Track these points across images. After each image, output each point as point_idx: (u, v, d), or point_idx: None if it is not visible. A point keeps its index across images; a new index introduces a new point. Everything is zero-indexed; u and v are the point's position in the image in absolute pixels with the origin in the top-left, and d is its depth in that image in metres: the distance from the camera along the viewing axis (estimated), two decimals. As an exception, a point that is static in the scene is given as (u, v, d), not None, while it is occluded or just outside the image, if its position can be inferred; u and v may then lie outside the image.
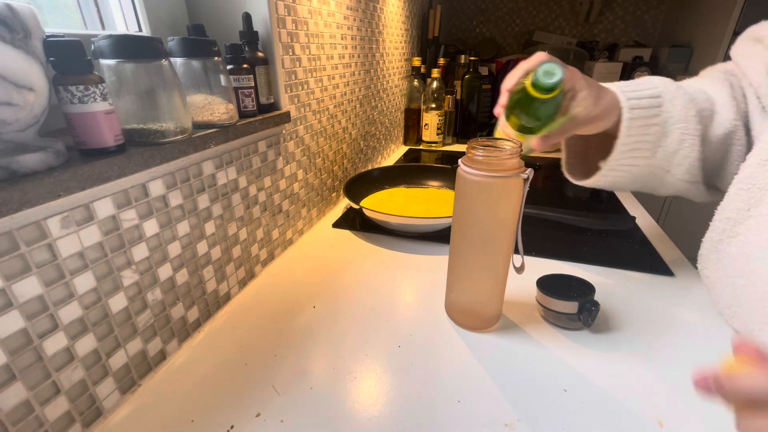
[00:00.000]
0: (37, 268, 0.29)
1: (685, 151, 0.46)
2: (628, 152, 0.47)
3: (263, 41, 0.52)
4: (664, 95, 0.45)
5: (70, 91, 0.29)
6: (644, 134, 0.46)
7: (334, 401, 0.37)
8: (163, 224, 0.40)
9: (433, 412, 0.36)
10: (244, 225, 0.53)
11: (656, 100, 0.45)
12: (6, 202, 0.25)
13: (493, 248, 0.41)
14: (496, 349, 0.43)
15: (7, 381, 0.28)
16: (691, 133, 0.45)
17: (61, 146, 0.29)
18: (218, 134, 0.42)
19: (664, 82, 0.47)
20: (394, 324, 0.47)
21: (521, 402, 0.37)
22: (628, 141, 0.46)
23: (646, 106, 0.45)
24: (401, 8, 1.08)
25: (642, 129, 0.45)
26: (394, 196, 0.81)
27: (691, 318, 0.47)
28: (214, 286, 0.48)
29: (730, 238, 0.43)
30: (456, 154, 1.19)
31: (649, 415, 0.35)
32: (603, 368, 0.40)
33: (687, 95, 0.46)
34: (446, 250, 0.53)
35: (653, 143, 0.46)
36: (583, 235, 0.67)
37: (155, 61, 0.35)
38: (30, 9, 0.26)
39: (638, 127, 0.45)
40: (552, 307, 0.45)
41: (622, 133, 0.45)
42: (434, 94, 1.17)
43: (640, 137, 0.46)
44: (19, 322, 0.28)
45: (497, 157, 0.38)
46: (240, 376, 0.40)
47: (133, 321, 0.38)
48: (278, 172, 0.59)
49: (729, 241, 0.43)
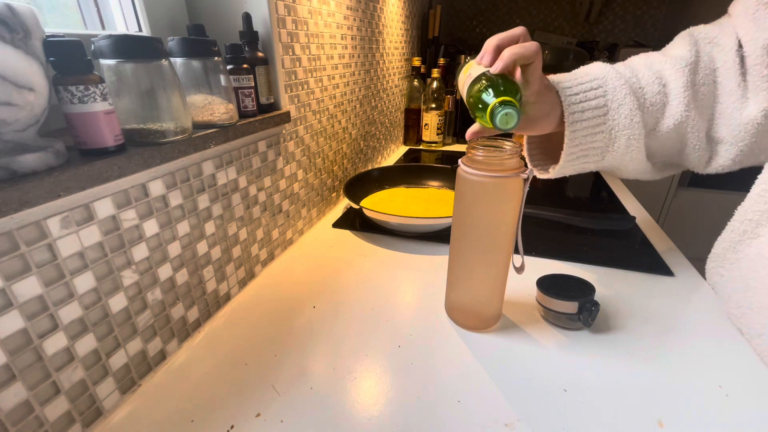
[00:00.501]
0: (37, 268, 0.29)
1: (632, 154, 0.46)
2: (576, 160, 0.47)
3: (263, 41, 0.52)
4: (610, 103, 0.44)
5: (70, 91, 0.29)
6: (590, 142, 0.45)
7: (334, 401, 0.37)
8: (163, 224, 0.40)
9: (433, 412, 0.36)
10: (244, 225, 0.53)
11: (601, 110, 0.44)
12: (6, 202, 0.25)
13: (493, 248, 0.41)
14: (496, 349, 0.43)
15: (7, 381, 0.28)
16: (636, 138, 0.45)
17: (61, 146, 0.29)
18: (218, 134, 0.42)
19: (609, 81, 0.44)
20: (394, 324, 0.47)
21: (521, 402, 0.37)
22: (574, 150, 0.46)
23: (589, 117, 0.44)
24: (401, 8, 1.08)
25: (587, 138, 0.45)
26: (394, 196, 0.81)
27: (691, 318, 0.47)
28: (214, 286, 0.48)
29: (751, 240, 0.43)
30: (456, 154, 1.19)
31: (649, 415, 0.35)
32: (603, 368, 0.40)
33: (636, 96, 0.44)
34: (446, 250, 0.53)
35: (601, 150, 0.46)
36: (583, 235, 0.67)
37: (155, 61, 0.35)
38: (30, 9, 0.26)
39: (583, 137, 0.45)
40: (552, 307, 0.45)
41: (567, 144, 0.45)
42: (434, 94, 1.17)
43: (586, 146, 0.45)
44: (19, 322, 0.28)
45: (497, 157, 0.37)
46: (240, 376, 0.40)
47: (133, 321, 0.38)
48: (278, 172, 0.59)
49: (749, 242, 0.43)
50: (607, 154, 0.46)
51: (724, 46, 0.45)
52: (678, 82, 0.45)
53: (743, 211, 0.44)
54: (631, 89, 0.44)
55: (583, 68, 0.47)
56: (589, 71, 0.46)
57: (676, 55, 0.46)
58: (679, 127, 0.46)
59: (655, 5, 1.58)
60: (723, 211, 0.76)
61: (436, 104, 1.18)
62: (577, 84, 0.44)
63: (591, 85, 0.44)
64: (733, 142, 0.46)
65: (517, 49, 0.37)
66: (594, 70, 0.46)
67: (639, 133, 0.45)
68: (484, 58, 0.39)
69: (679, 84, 0.45)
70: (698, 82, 0.45)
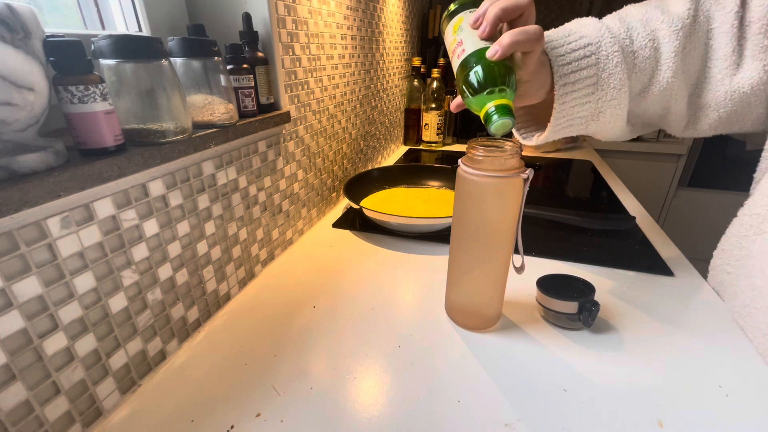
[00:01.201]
0: (37, 268, 0.29)
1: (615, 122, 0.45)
2: (562, 129, 0.45)
3: (263, 41, 0.52)
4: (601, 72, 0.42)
5: (70, 91, 0.29)
6: (577, 113, 0.44)
7: (334, 401, 0.37)
8: (163, 224, 0.40)
9: (433, 412, 0.36)
10: (244, 225, 0.53)
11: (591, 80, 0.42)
12: (6, 202, 0.25)
13: (493, 248, 0.41)
14: (496, 349, 0.43)
15: (7, 381, 0.28)
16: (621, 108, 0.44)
17: (61, 146, 0.29)
18: (218, 134, 0.42)
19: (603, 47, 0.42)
20: (394, 324, 0.47)
21: (521, 402, 0.37)
22: (561, 122, 0.44)
23: (579, 88, 0.42)
24: (401, 8, 1.08)
25: (575, 110, 0.43)
26: (394, 196, 0.81)
27: (691, 318, 0.47)
28: (214, 286, 0.48)
29: (756, 236, 0.42)
30: (456, 154, 1.19)
31: (649, 415, 0.35)
32: (603, 368, 0.40)
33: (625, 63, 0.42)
34: (446, 250, 0.53)
35: (586, 119, 0.45)
36: (583, 235, 0.67)
37: (155, 61, 0.35)
38: (30, 9, 0.26)
39: (571, 108, 0.43)
40: (552, 307, 0.44)
41: (554, 116, 0.43)
42: (434, 94, 1.17)
43: (573, 116, 0.44)
44: (19, 322, 0.28)
45: (497, 157, 0.37)
46: (240, 376, 0.40)
47: (133, 321, 0.38)
48: (278, 172, 0.59)
49: (754, 238, 0.42)
50: (592, 123, 0.45)
51: (726, 5, 0.43)
52: (670, 46, 0.43)
53: (752, 204, 0.44)
54: (623, 55, 0.42)
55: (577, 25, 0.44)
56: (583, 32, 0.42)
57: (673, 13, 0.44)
58: (663, 93, 0.44)
59: (655, 5, 1.58)
60: (723, 211, 0.76)
61: (436, 104, 1.18)
62: (570, 51, 0.42)
63: (584, 52, 0.41)
64: (714, 107, 0.45)
65: (520, 36, 0.34)
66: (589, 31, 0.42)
67: (624, 103, 0.44)
68: (481, 27, 0.36)
69: (671, 48, 0.43)
70: (690, 45, 0.44)
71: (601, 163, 1.13)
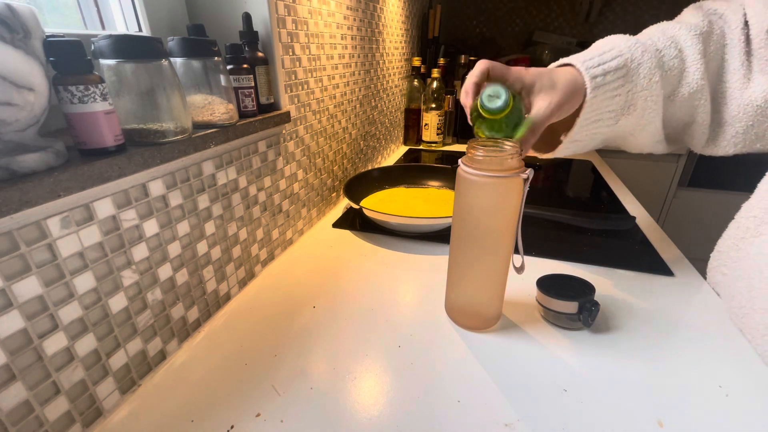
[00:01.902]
0: (37, 268, 0.29)
1: (648, 117, 0.45)
2: (590, 125, 0.45)
3: (263, 41, 0.52)
4: (630, 63, 0.42)
5: (70, 91, 0.29)
6: (607, 106, 0.44)
7: (334, 401, 0.37)
8: (163, 224, 0.40)
9: (433, 412, 0.36)
10: (244, 225, 0.53)
11: (621, 71, 0.42)
12: (6, 202, 0.25)
13: (493, 248, 0.41)
14: (496, 349, 0.43)
15: (7, 381, 0.28)
16: (654, 100, 0.43)
17: (61, 146, 0.29)
18: (218, 134, 0.42)
19: (629, 45, 0.43)
20: (394, 324, 0.47)
21: (521, 402, 0.37)
22: (590, 116, 0.44)
23: (610, 80, 0.42)
24: (401, 8, 1.08)
25: (605, 102, 0.43)
26: (394, 196, 0.81)
27: (691, 318, 0.47)
28: (214, 286, 0.48)
29: (753, 237, 0.42)
30: (456, 154, 1.19)
31: (649, 415, 0.35)
32: (603, 368, 0.40)
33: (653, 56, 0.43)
34: (446, 250, 0.53)
35: (616, 113, 0.44)
36: (583, 235, 0.67)
37: (155, 61, 0.35)
38: (30, 9, 0.26)
39: (601, 102, 0.43)
40: (552, 307, 0.45)
41: (585, 110, 0.43)
42: (434, 94, 1.17)
43: (602, 110, 0.44)
44: (19, 322, 0.28)
45: (497, 157, 0.37)
46: (240, 376, 0.40)
47: (133, 321, 0.38)
48: (278, 172, 0.59)
49: (751, 240, 0.42)
50: (622, 118, 0.45)
51: (731, 23, 0.44)
52: (693, 49, 0.44)
53: (749, 206, 0.44)
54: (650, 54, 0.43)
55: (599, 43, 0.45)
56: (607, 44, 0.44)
57: (689, 23, 0.45)
58: (693, 96, 0.45)
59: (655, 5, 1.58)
60: (723, 211, 0.76)
61: (436, 104, 1.18)
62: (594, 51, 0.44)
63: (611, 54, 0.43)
64: (730, 122, 0.46)
65: (469, 79, 0.42)
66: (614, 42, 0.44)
67: (658, 94, 0.43)
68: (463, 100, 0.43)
69: (695, 51, 0.44)
70: (709, 54, 0.44)
71: (601, 163, 1.13)
